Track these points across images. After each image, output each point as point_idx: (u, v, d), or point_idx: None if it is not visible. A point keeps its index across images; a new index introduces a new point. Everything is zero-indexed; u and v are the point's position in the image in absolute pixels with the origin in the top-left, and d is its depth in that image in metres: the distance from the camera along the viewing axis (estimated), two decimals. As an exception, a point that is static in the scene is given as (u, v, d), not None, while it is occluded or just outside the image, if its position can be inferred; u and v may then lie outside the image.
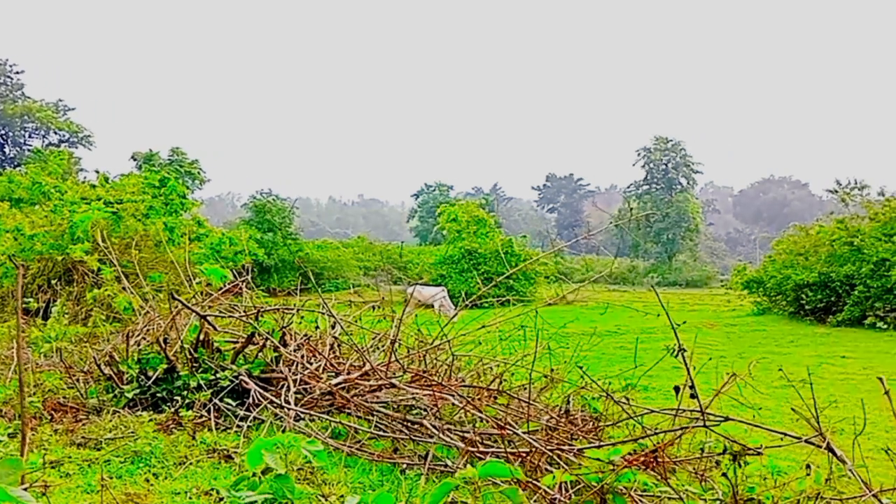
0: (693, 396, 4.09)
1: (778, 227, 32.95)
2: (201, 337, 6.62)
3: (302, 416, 5.67)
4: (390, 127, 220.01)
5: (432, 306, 22.93)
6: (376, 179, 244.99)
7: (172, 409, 5.84)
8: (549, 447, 4.92)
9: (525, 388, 6.22)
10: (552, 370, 6.67)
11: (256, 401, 5.83)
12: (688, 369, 4.18)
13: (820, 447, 4.48)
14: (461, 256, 34.11)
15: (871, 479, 4.25)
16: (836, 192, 23.90)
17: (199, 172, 45.12)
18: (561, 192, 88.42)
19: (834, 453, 4.47)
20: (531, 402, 5.78)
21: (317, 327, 7.56)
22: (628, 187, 49.86)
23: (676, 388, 4.43)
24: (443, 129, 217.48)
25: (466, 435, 5.28)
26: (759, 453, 4.21)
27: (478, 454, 4.91)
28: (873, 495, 4.04)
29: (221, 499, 3.65)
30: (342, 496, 4.20)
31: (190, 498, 4.25)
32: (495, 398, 6.26)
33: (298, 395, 6.00)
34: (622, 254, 51.84)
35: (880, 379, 4.04)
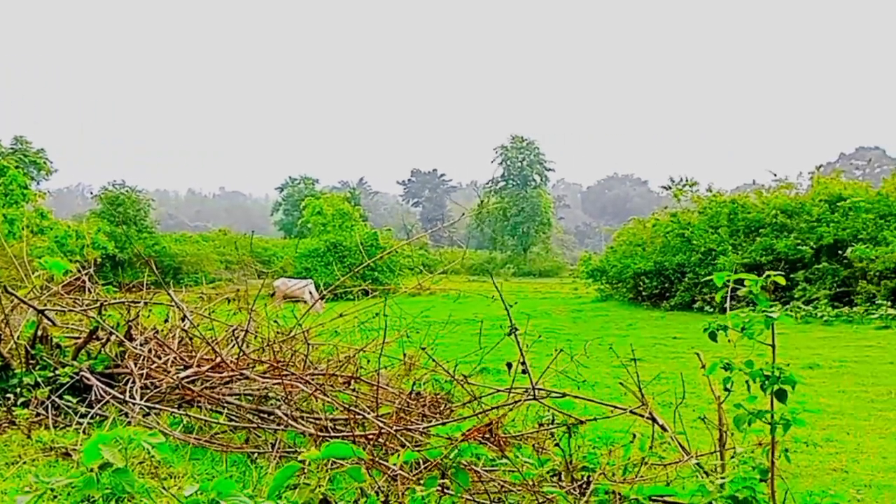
0: (524, 372, 4.37)
1: (621, 221, 35.19)
2: (39, 333, 6.27)
3: (149, 411, 5.52)
4: (253, 119, 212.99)
5: (300, 299, 22.65)
6: (239, 172, 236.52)
7: (4, 408, 5.51)
8: (396, 428, 5.09)
9: (381, 375, 6.38)
10: (404, 355, 6.88)
11: (99, 397, 5.61)
12: (520, 348, 4.46)
13: (643, 416, 4.94)
14: (326, 250, 33.80)
15: (690, 445, 4.70)
16: (670, 188, 25.75)
17: (45, 162, 41.67)
18: (425, 186, 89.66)
19: (656, 422, 4.92)
20: (381, 386, 5.94)
21: (166, 321, 7.36)
22: (487, 183, 51.28)
23: (508, 365, 4.73)
24: (309, 123, 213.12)
25: (319, 421, 5.37)
26: (580, 423, 4.51)
27: (329, 439, 5.00)
28: (691, 458, 4.50)
29: (56, 496, 3.53)
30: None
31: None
32: (350, 385, 6.37)
33: (146, 390, 5.83)
34: (482, 246, 53.28)
35: (697, 354, 4.48)
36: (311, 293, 23.90)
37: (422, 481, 3.84)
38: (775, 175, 25.16)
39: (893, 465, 5.51)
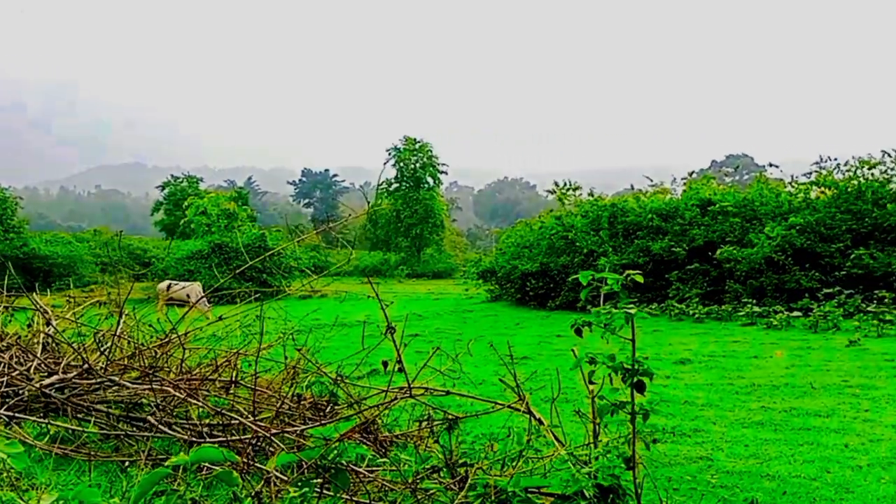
0: (401, 371, 4.39)
1: (511, 224, 36.00)
2: None
3: (10, 420, 5.16)
4: (133, 114, 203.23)
5: (185, 302, 21.74)
6: (117, 170, 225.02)
7: None
8: (274, 432, 5.00)
9: (264, 378, 6.25)
10: (286, 358, 6.76)
11: (-51, 408, 5.19)
12: (396, 348, 4.47)
13: (521, 411, 5.08)
14: (211, 251, 32.65)
15: (566, 438, 4.86)
16: (555, 192, 26.56)
17: None
18: (317, 187, 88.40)
19: (533, 416, 5.07)
20: (261, 389, 5.81)
21: (29, 325, 6.92)
22: (380, 184, 51.09)
23: (384, 363, 4.74)
24: (194, 119, 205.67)
25: (195, 427, 5.20)
26: (458, 419, 4.59)
27: (204, 444, 4.84)
28: (565, 450, 4.67)
29: None
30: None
31: None
32: (229, 390, 6.21)
33: (7, 399, 5.45)
34: (376, 248, 53.03)
35: (572, 350, 4.63)
36: (197, 296, 23.04)
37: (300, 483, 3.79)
38: (651, 181, 26.42)
39: (754, 452, 5.89)
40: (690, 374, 10.05)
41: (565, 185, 26.38)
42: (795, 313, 16.45)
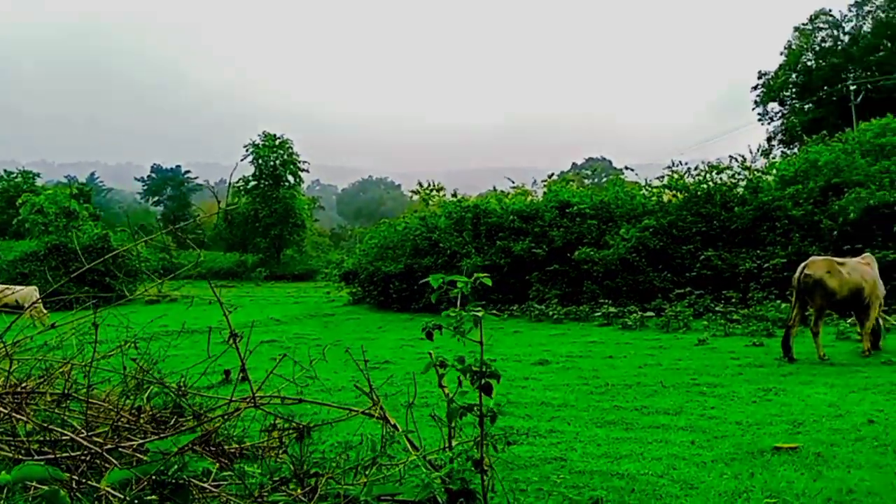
0: (244, 379, 4.07)
1: (376, 224, 35.71)
2: None
3: None
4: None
5: (17, 308, 19.77)
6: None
7: None
8: (108, 447, 4.51)
9: (101, 391, 5.67)
10: (124, 368, 6.15)
11: None
12: (240, 354, 4.14)
13: (375, 417, 4.86)
14: (48, 253, 30.10)
15: (422, 443, 4.69)
16: (419, 192, 26.55)
17: None
18: (167, 184, 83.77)
19: (388, 422, 4.86)
20: (96, 402, 5.24)
21: None
22: (237, 182, 49.02)
23: (226, 372, 4.39)
24: (32, 109, 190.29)
25: (21, 445, 4.58)
26: (310, 428, 4.33)
27: (28, 462, 4.27)
28: (419, 456, 4.50)
29: None
30: None
31: None
32: (60, 403, 5.58)
33: None
34: (233, 249, 50.93)
35: (430, 353, 4.43)
36: (31, 301, 21.10)
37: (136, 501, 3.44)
38: (513, 182, 27.00)
39: (605, 451, 5.95)
40: (548, 374, 10.19)
41: (429, 185, 26.47)
42: (649, 313, 17.22)
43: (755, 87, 51.28)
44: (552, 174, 26.88)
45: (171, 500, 3.55)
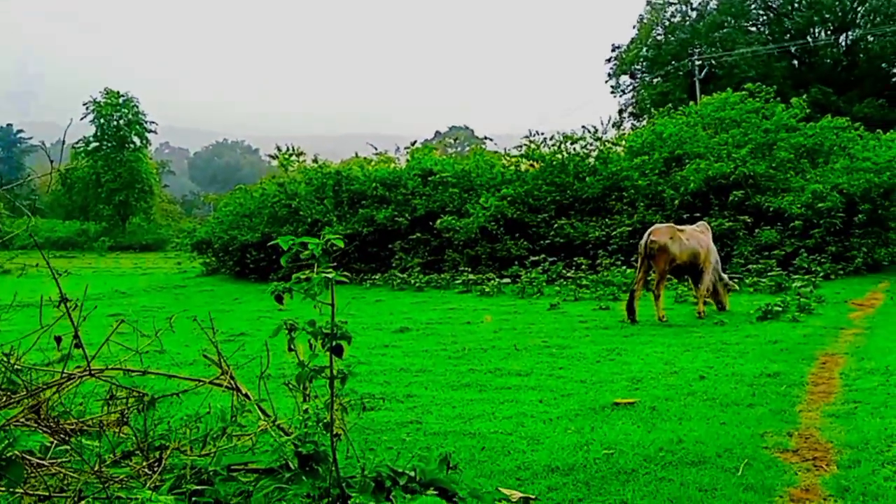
0: (78, 346, 3.83)
1: (231, 190, 34.20)
2: None
3: None
4: None
5: None
6: None
7: None
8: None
9: None
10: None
11: None
12: (72, 320, 3.88)
13: (224, 387, 4.69)
14: None
15: (275, 412, 4.56)
16: (278, 157, 25.73)
17: None
18: (-5, 144, 76.11)
19: (239, 391, 4.72)
20: None
21: None
22: (77, 143, 45.30)
23: (57, 339, 4.12)
24: None
25: None
26: (150, 400, 4.14)
27: None
28: (270, 424, 4.40)
29: None
30: None
31: None
32: None
33: None
34: (72, 217, 47.27)
35: (284, 322, 4.32)
36: None
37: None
38: (376, 149, 26.73)
39: (460, 413, 6.08)
40: (409, 341, 10.28)
41: (289, 150, 25.66)
42: (506, 280, 17.73)
43: (608, 60, 53.47)
44: (415, 142, 26.83)
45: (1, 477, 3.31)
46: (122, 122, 44.58)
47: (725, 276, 12.62)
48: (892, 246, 19.59)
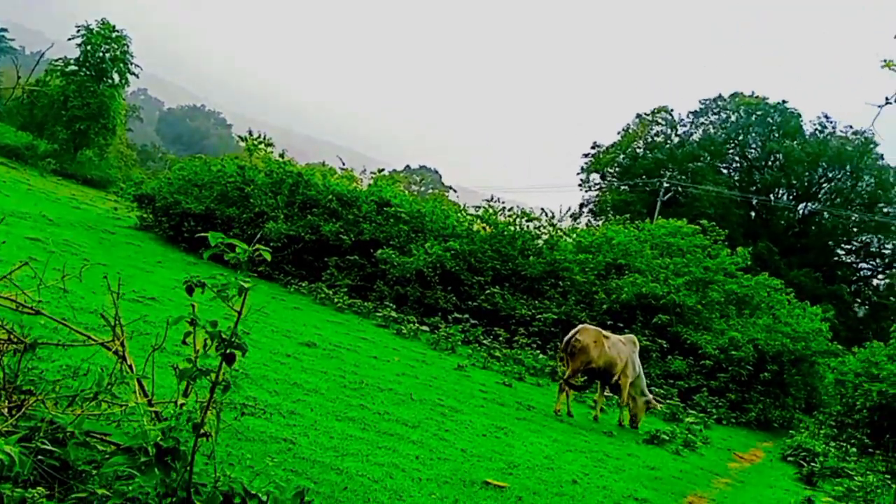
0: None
1: (191, 156, 33.58)
2: None
3: None
4: None
5: None
6: None
7: None
8: None
9: None
10: None
11: None
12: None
13: (111, 351, 4.63)
14: None
15: (154, 390, 4.49)
16: (247, 140, 25.53)
17: None
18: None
19: (124, 360, 4.65)
20: None
21: None
22: (57, 60, 43.96)
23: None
24: None
25: None
26: (30, 345, 4.07)
27: None
28: (149, 403, 4.34)
29: None
30: None
31: None
32: None
33: None
34: (27, 129, 45.48)
35: (193, 306, 4.31)
36: None
37: None
38: (343, 163, 26.76)
39: (335, 445, 6.10)
40: (311, 358, 10.23)
41: (260, 137, 25.49)
42: (425, 328, 17.78)
43: (586, 155, 55.19)
44: (383, 169, 26.94)
45: None
46: (107, 55, 43.39)
47: (650, 395, 12.99)
48: (786, 410, 20.49)
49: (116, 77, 44.16)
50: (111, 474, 3.47)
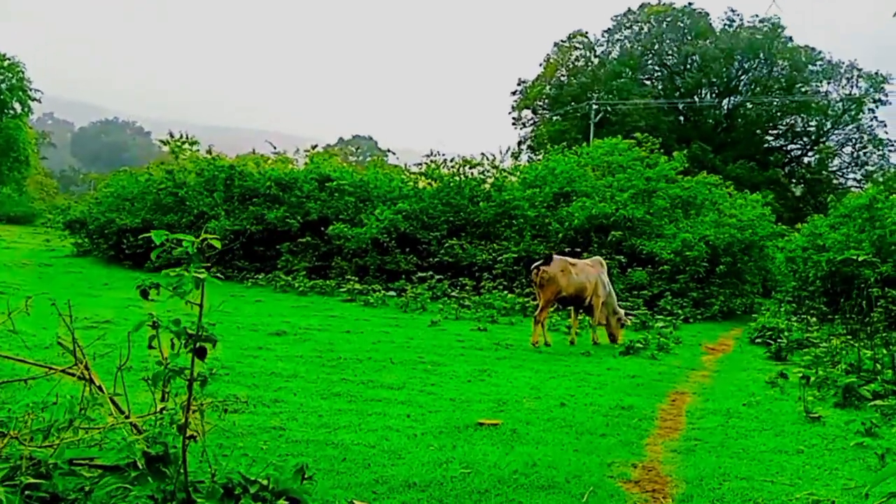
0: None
1: (115, 171, 32.49)
2: None
3: None
4: None
5: None
6: None
7: None
8: None
9: None
10: None
11: None
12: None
13: (76, 376, 4.50)
14: None
15: (129, 407, 4.39)
16: (169, 144, 24.79)
17: None
18: None
19: (92, 383, 4.53)
20: None
21: None
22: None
23: None
24: None
25: None
26: None
27: None
28: (122, 421, 4.25)
29: None
30: None
31: None
32: None
33: None
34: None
35: (151, 314, 4.19)
36: None
37: None
38: (275, 147, 26.22)
39: (325, 422, 6.08)
40: (284, 345, 10.15)
41: (183, 137, 24.76)
42: (391, 293, 17.77)
43: (513, 93, 55.19)
44: (316, 146, 26.49)
45: None
46: (4, 86, 41.51)
47: (621, 311, 13.23)
48: (746, 297, 21.22)
49: (18, 107, 42.33)
50: (104, 496, 3.40)
